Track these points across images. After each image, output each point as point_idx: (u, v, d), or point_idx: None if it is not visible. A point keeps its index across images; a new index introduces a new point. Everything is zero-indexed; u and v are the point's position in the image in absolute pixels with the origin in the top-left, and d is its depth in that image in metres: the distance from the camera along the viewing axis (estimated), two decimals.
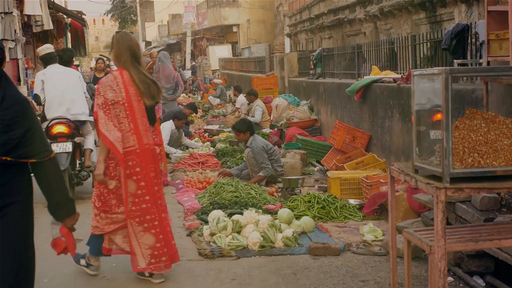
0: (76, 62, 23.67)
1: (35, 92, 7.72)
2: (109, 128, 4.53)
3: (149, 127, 4.70)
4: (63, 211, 3.38)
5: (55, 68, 7.85)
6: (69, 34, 22.17)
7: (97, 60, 11.57)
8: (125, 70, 4.69)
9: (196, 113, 15.39)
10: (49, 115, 7.46)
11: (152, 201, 4.67)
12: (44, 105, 7.56)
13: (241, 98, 15.97)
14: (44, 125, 7.29)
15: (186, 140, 11.51)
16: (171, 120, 10.75)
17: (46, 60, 8.01)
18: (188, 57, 35.49)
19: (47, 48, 8.03)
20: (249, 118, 12.50)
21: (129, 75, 4.65)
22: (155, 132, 4.87)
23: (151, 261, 4.64)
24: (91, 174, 7.45)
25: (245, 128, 8.33)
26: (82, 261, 4.97)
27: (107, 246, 4.80)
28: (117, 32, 5.02)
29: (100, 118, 4.55)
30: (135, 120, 4.60)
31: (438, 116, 3.45)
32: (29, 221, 3.20)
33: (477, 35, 6.71)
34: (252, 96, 14.02)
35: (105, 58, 11.41)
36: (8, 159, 2.98)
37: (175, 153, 10.62)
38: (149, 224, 4.64)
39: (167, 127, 10.41)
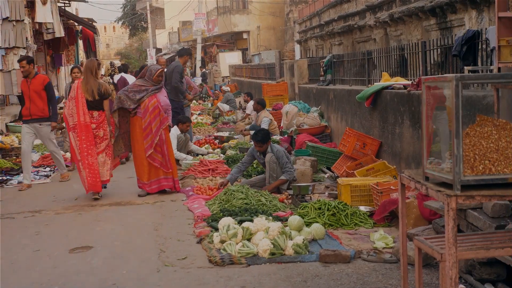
0: None
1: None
2: (69, 113, 8.43)
3: (87, 112, 8.31)
4: None
5: (124, 74, 12.71)
6: (80, 42, 22.27)
7: (72, 69, 11.13)
8: (82, 79, 8.48)
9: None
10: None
11: (85, 150, 8.36)
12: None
13: (252, 105, 15.92)
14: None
15: (192, 146, 11.50)
16: (175, 126, 10.77)
17: (122, 69, 13.28)
18: (198, 64, 35.56)
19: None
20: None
21: (81, 83, 8.39)
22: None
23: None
24: None
25: (267, 138, 8.35)
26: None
27: None
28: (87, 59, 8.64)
29: (67, 104, 8.58)
30: (78, 108, 8.31)
31: (449, 123, 3.44)
32: None
33: (487, 41, 6.69)
34: (260, 106, 13.75)
35: (115, 62, 13.89)
36: None
37: (185, 159, 10.64)
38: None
39: (172, 133, 10.41)
